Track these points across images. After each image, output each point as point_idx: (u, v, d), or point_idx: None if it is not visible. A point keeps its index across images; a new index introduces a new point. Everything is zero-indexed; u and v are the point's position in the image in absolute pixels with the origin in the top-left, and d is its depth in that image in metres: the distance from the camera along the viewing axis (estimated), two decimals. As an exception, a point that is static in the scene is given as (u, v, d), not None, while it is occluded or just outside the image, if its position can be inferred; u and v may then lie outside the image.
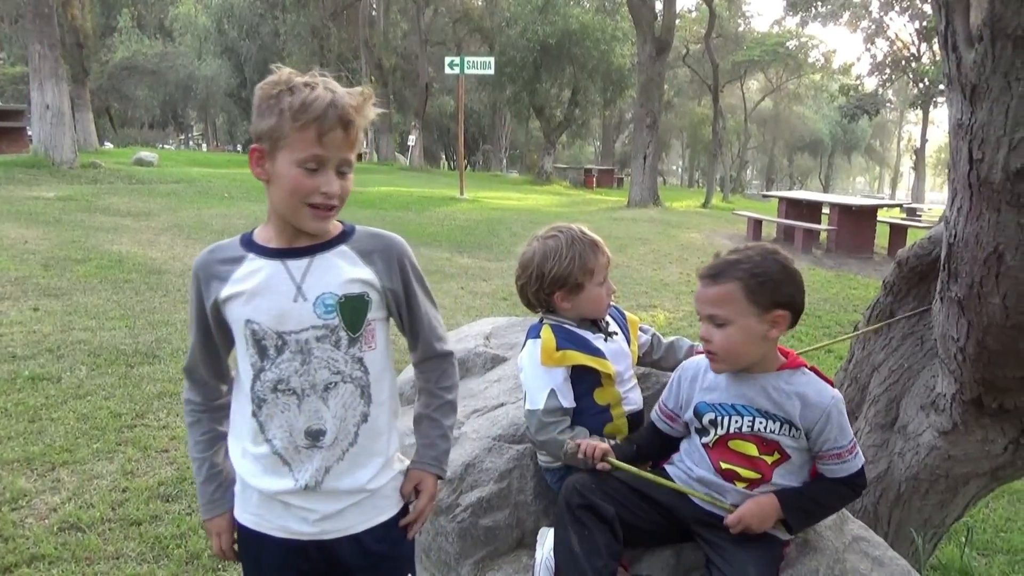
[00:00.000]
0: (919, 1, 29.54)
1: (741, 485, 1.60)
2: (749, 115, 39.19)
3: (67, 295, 6.03)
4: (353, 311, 1.32)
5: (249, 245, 1.34)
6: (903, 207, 17.54)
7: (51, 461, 3.34)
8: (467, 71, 16.79)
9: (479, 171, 40.27)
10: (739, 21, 37.80)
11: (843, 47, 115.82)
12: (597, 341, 1.83)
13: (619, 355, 1.86)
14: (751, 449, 1.59)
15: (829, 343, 4.96)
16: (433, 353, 1.46)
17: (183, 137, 51.63)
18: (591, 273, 1.80)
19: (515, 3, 28.67)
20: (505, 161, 43.48)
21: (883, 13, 32.69)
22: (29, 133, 17.30)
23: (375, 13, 34.93)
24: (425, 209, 13.96)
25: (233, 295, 1.31)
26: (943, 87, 3.17)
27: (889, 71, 34.18)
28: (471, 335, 2.52)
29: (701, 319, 1.60)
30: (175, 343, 5.04)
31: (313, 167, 1.25)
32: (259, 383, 1.32)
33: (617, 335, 1.88)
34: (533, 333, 1.84)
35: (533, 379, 1.78)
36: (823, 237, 12.51)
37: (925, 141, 40.74)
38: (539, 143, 34.82)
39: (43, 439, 3.54)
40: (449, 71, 17.24)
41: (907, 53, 33.57)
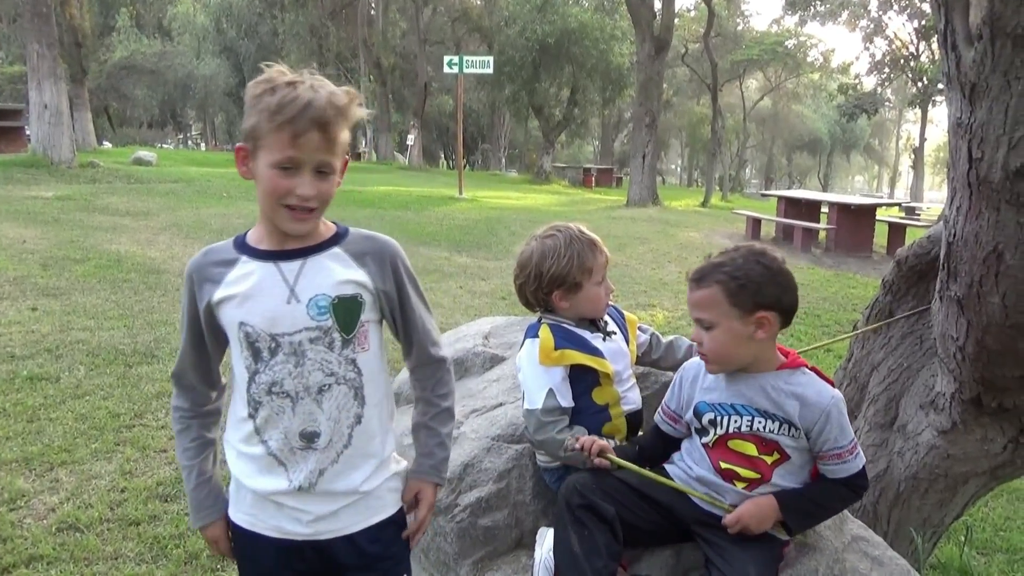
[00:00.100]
0: (918, 0, 29.57)
1: (741, 485, 1.60)
2: (748, 114, 39.21)
3: (65, 295, 6.02)
4: (346, 312, 1.31)
5: (242, 247, 1.34)
6: (902, 206, 17.58)
7: (49, 461, 3.33)
8: (466, 70, 16.78)
9: (478, 170, 40.29)
10: (738, 20, 37.88)
11: (842, 46, 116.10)
12: (595, 340, 1.83)
13: (618, 354, 1.85)
14: (750, 449, 1.59)
15: (828, 342, 4.96)
16: (428, 359, 1.46)
17: (182, 136, 51.62)
18: (589, 272, 1.79)
19: (514, 2, 28.66)
20: (504, 160, 43.48)
21: (882, 12, 32.77)
22: (27, 133, 17.31)
23: (374, 12, 34.95)
24: (424, 208, 13.96)
25: (226, 298, 1.30)
26: (942, 86, 3.14)
27: (888, 70, 34.26)
28: (470, 334, 2.52)
29: (693, 321, 1.61)
30: (174, 343, 5.03)
31: (288, 168, 1.23)
32: (254, 385, 1.31)
33: (616, 334, 1.88)
34: (531, 332, 1.83)
35: (531, 378, 1.77)
36: (822, 236, 12.52)
37: (924, 140, 40.78)
38: (538, 142, 34.81)
39: (41, 439, 3.53)
40: (448, 70, 17.25)
41: (906, 52, 33.63)
